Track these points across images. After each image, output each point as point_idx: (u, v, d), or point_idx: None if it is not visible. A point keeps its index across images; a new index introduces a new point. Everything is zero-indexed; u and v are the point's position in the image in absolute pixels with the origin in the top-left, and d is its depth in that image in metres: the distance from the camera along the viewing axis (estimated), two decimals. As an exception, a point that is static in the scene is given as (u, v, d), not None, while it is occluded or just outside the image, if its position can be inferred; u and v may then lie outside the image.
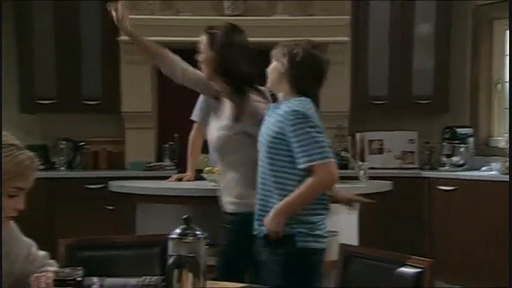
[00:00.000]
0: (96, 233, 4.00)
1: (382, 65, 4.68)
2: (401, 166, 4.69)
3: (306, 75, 2.09)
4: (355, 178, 3.47)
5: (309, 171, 2.02)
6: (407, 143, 4.75)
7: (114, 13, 2.53)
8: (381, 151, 4.76)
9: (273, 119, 2.12)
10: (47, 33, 4.54)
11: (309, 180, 2.01)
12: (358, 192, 3.05)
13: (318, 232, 2.09)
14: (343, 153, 4.27)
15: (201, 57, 2.57)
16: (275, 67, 2.15)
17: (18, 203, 1.45)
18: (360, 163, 3.57)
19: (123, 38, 4.45)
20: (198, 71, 2.64)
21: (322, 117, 2.08)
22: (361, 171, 3.38)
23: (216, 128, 2.48)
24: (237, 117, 2.38)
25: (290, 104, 2.07)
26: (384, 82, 4.70)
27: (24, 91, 4.58)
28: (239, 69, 2.43)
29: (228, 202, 2.46)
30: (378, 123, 4.82)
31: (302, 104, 2.06)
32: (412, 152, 4.75)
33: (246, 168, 2.36)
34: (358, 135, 4.78)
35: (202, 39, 2.56)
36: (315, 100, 2.14)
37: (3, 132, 1.49)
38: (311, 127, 2.01)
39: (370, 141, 4.77)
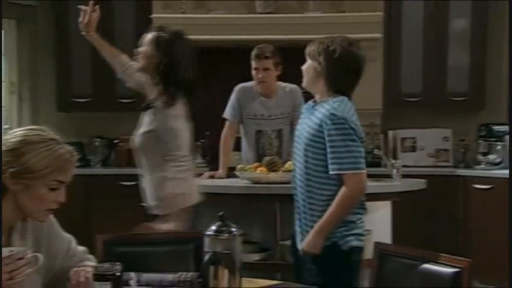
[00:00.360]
0: (130, 230, 4.07)
1: (415, 62, 4.61)
2: (435, 164, 4.62)
3: (344, 73, 2.06)
4: (388, 176, 3.43)
5: (339, 179, 2.02)
6: (442, 141, 4.67)
7: (83, 16, 2.64)
8: (413, 149, 4.69)
9: (311, 121, 2.08)
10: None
11: (340, 194, 2.01)
12: (392, 191, 3.03)
13: (357, 231, 2.10)
14: (375, 151, 4.23)
15: (141, 49, 2.61)
16: (311, 66, 2.11)
17: (59, 196, 1.49)
18: (393, 161, 3.53)
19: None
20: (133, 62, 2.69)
21: (357, 114, 2.08)
22: (394, 170, 3.34)
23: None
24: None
25: (329, 105, 2.03)
26: (417, 79, 4.63)
27: (61, 90, 4.69)
28: (176, 72, 2.48)
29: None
30: (411, 121, 4.75)
31: (342, 106, 2.02)
32: (446, 150, 4.67)
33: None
34: (390, 132, 4.72)
35: (148, 36, 2.60)
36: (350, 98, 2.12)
37: (44, 127, 1.53)
38: (347, 134, 1.99)
39: (403, 139, 4.71)
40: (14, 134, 1.49)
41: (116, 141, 4.83)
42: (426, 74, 4.63)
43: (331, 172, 2.01)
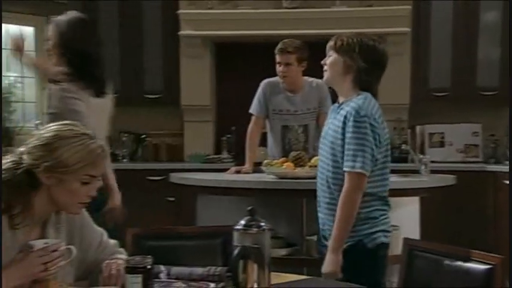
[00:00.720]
0: (157, 224, 4.12)
1: (444, 56, 4.54)
2: (464, 160, 4.54)
3: (374, 68, 2.03)
4: (416, 172, 3.40)
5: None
6: (471, 136, 4.60)
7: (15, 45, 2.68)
8: (442, 144, 4.62)
9: (336, 120, 2.06)
10: (112, 30, 4.70)
11: (342, 197, 1.98)
12: (420, 186, 3.00)
13: (382, 227, 2.06)
14: (403, 147, 4.19)
15: (49, 44, 2.63)
16: (339, 60, 2.05)
17: (90, 190, 1.52)
18: (421, 156, 3.48)
19: (184, 32, 4.56)
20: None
21: (382, 109, 2.04)
22: (423, 165, 3.30)
23: None
24: None
25: (354, 103, 2.00)
26: (446, 73, 4.56)
27: (90, 86, 4.76)
28: (79, 59, 2.53)
29: None
30: (439, 116, 4.68)
31: (366, 103, 2.00)
32: (475, 145, 4.59)
33: None
34: (418, 128, 4.67)
35: (49, 27, 2.63)
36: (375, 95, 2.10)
37: (75, 122, 1.56)
38: (365, 133, 1.96)
39: (431, 134, 4.65)
40: (47, 129, 1.52)
41: (143, 136, 4.90)
42: (455, 68, 4.55)
43: (344, 168, 1.99)
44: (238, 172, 3.31)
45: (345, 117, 1.99)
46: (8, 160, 1.50)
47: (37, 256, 1.42)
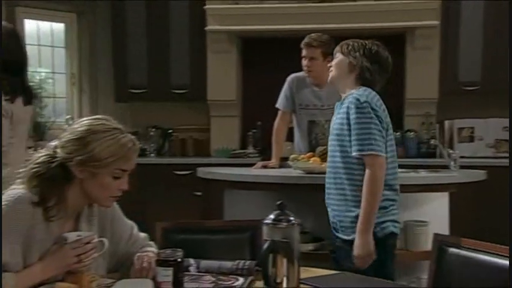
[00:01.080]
0: (184, 218, 4.15)
1: (474, 49, 4.45)
2: (495, 155, 4.46)
3: (376, 68, 2.19)
4: (445, 167, 3.35)
5: (362, 163, 2.10)
6: (501, 131, 4.50)
7: None
8: (471, 139, 4.54)
9: (340, 114, 2.19)
10: (140, 26, 4.75)
11: (365, 179, 2.07)
12: (450, 182, 2.95)
13: (392, 217, 2.15)
14: (432, 142, 4.14)
15: None
16: (344, 60, 2.23)
17: (122, 183, 1.54)
18: (451, 151, 3.43)
19: (211, 27, 4.58)
20: None
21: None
22: (452, 160, 3.25)
23: None
24: None
25: (354, 94, 2.14)
26: (476, 67, 4.47)
27: (118, 82, 4.83)
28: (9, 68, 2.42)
29: None
30: (469, 110, 4.60)
31: (366, 93, 2.14)
32: (507, 140, 4.49)
33: None
34: (446, 122, 4.59)
35: None
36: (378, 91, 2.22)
37: (108, 117, 1.58)
38: (369, 117, 2.09)
39: (460, 129, 4.57)
40: (80, 124, 1.54)
41: (170, 131, 4.94)
42: (485, 62, 4.46)
43: (353, 154, 2.10)
44: (264, 167, 3.31)
45: (348, 107, 2.12)
46: (42, 154, 1.53)
47: (71, 248, 1.45)
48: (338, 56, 2.26)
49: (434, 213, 2.94)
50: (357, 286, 1.57)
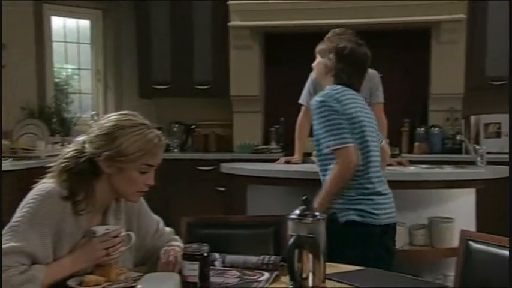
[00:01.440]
0: (207, 213, 4.18)
1: (501, 43, 4.35)
2: (523, 151, 4.37)
3: (350, 68, 2.26)
4: (471, 163, 3.30)
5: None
6: (529, 126, 4.42)
7: None
8: (498, 135, 4.47)
9: None
10: (163, 23, 4.78)
11: (332, 171, 2.18)
12: (476, 178, 2.91)
13: (360, 207, 2.16)
14: (458, 137, 4.08)
15: None
16: (320, 62, 2.33)
17: (148, 178, 1.55)
18: (477, 147, 3.38)
19: (233, 23, 4.59)
20: None
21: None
22: (479, 156, 3.20)
23: None
24: None
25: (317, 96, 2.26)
26: (503, 61, 4.37)
27: (142, 78, 4.88)
28: None
29: None
30: (495, 106, 4.51)
31: (328, 92, 2.22)
32: (534, 136, 4.41)
33: None
34: (472, 118, 4.53)
35: None
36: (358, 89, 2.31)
37: (135, 112, 1.60)
38: (325, 115, 2.18)
39: (486, 124, 4.50)
40: (107, 119, 1.56)
41: (192, 126, 4.97)
42: (513, 56, 4.37)
43: (323, 151, 2.20)
44: (287, 162, 3.31)
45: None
46: (71, 149, 1.55)
47: (100, 241, 1.48)
48: (317, 57, 2.36)
49: (460, 210, 2.91)
50: (381, 281, 1.56)
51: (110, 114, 1.58)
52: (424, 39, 4.56)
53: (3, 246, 1.36)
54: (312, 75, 3.45)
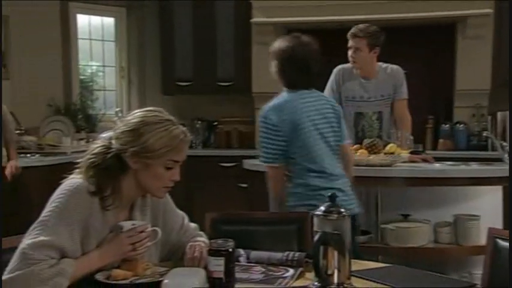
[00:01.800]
0: (230, 209, 4.19)
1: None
2: (551, 148, 4.28)
3: (293, 71, 2.31)
4: (499, 160, 3.25)
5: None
6: (558, 123, 4.32)
7: None
8: (525, 131, 4.38)
9: None
10: (186, 20, 4.81)
11: None
12: (503, 175, 2.86)
13: (310, 202, 2.20)
14: (484, 134, 4.01)
15: None
16: (272, 65, 2.39)
17: (174, 174, 1.56)
18: (504, 144, 3.32)
19: (256, 19, 4.58)
20: None
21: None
22: (506, 153, 3.15)
23: None
24: None
25: None
26: (531, 56, 4.29)
27: (165, 75, 4.91)
28: None
29: None
30: (523, 102, 4.43)
31: (271, 102, 2.34)
32: None
33: None
34: (499, 114, 4.44)
35: None
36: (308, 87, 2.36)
37: (160, 109, 1.61)
38: (262, 131, 2.32)
39: (513, 120, 4.41)
40: (133, 115, 1.57)
41: (215, 123, 4.99)
42: (541, 51, 4.28)
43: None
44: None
45: None
46: (98, 145, 1.57)
47: (126, 236, 1.50)
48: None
49: (486, 208, 2.87)
50: (408, 279, 1.54)
51: (136, 111, 1.60)
52: (449, 35, 4.50)
53: (33, 240, 1.38)
54: (335, 72, 3.45)
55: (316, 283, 1.40)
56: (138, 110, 1.60)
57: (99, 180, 1.51)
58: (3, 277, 1.34)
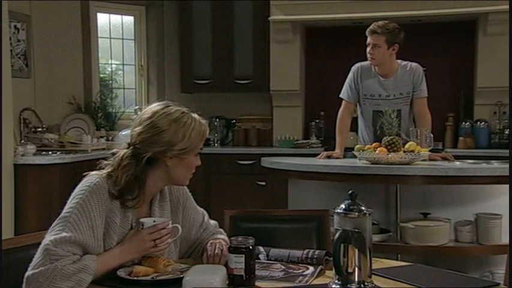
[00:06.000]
0: (248, 207, 4.21)
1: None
2: None
3: None
4: (520, 158, 3.20)
5: None
6: None
7: None
8: (548, 129, 4.31)
9: None
10: (205, 19, 4.82)
11: None
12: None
13: None
14: (506, 132, 3.96)
15: None
16: None
17: (198, 160, 1.61)
18: (526, 142, 3.27)
19: (274, 17, 4.58)
20: None
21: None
22: (528, 152, 3.10)
23: None
24: None
25: None
26: (554, 53, 4.22)
27: (184, 73, 4.94)
28: None
29: None
30: (545, 99, 4.36)
31: None
32: None
33: None
34: (521, 112, 4.38)
35: None
36: None
37: (167, 102, 1.62)
38: None
39: (535, 118, 4.34)
40: (157, 117, 1.55)
41: (233, 121, 5.00)
42: None
43: None
44: (329, 157, 3.29)
45: None
46: (126, 153, 1.54)
47: (148, 233, 1.51)
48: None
49: (508, 206, 2.82)
50: (430, 278, 1.53)
51: (150, 110, 1.58)
52: (470, 31, 4.44)
53: (55, 236, 1.39)
54: (353, 69, 3.43)
55: (336, 281, 1.39)
56: (154, 109, 1.58)
57: (124, 187, 1.50)
58: (27, 273, 1.36)
